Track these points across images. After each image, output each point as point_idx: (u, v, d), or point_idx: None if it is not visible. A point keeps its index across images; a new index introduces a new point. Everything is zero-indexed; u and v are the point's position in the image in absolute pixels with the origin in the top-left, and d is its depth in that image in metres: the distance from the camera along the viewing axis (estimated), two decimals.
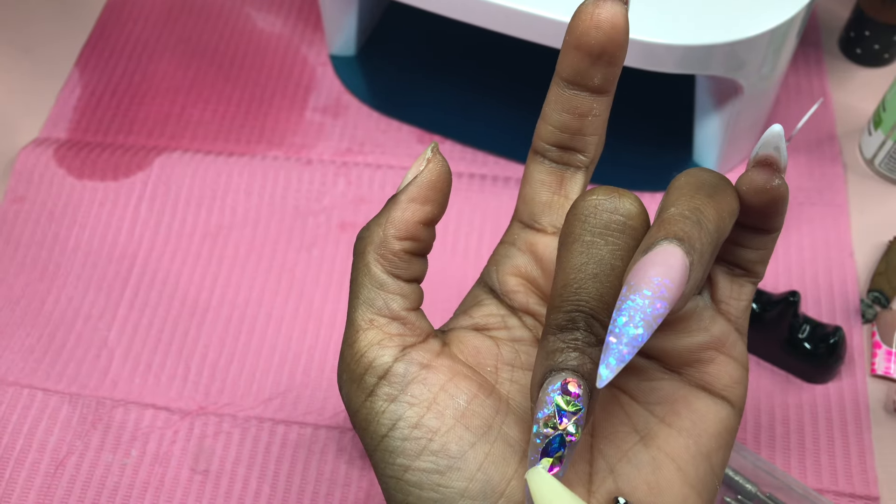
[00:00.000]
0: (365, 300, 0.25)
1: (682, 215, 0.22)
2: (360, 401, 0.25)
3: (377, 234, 0.25)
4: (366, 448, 0.25)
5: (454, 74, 0.58)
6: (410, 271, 0.26)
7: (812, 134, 0.55)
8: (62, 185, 0.54)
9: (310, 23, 0.62)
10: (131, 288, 0.50)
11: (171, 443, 0.45)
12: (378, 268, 0.25)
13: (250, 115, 0.58)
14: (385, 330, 0.25)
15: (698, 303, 0.27)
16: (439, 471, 0.24)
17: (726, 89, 0.48)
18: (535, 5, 0.44)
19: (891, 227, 0.51)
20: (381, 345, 0.25)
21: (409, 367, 0.24)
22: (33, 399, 0.46)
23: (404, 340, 0.25)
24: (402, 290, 0.25)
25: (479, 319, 0.27)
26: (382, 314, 0.25)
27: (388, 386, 0.24)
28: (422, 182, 0.25)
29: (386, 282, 0.25)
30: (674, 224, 0.21)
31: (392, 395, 0.24)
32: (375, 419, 0.24)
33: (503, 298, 0.28)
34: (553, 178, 0.27)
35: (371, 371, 0.24)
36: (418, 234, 0.25)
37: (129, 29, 0.62)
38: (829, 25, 0.60)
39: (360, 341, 0.25)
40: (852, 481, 0.43)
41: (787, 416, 0.45)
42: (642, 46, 0.43)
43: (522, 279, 0.27)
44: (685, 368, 0.27)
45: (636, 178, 0.53)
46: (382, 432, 0.24)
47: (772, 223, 0.26)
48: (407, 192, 0.26)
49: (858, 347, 0.47)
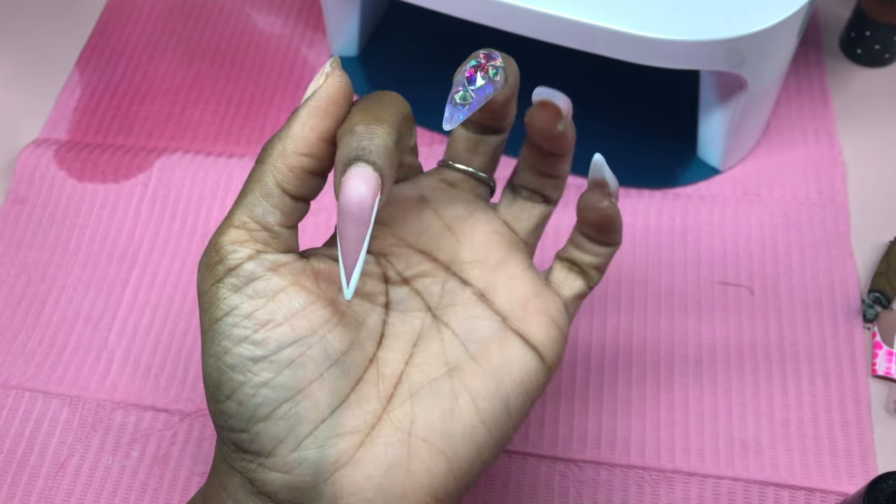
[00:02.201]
0: (247, 203, 0.27)
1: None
2: (207, 285, 0.27)
3: (277, 147, 0.27)
4: (201, 326, 0.27)
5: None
6: (301, 189, 0.28)
7: (812, 133, 0.55)
8: (63, 187, 0.54)
9: (310, 23, 0.62)
10: (131, 289, 0.50)
11: (171, 444, 0.45)
12: (271, 179, 0.27)
13: (251, 116, 0.58)
14: (252, 234, 0.27)
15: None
16: (253, 359, 0.26)
17: (730, 85, 0.48)
18: (538, 3, 0.44)
19: (891, 227, 0.51)
20: (242, 244, 0.27)
21: (257, 268, 0.27)
22: (34, 403, 0.46)
23: (265, 248, 0.27)
24: (284, 206, 0.27)
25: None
26: (256, 221, 0.27)
27: (235, 278, 0.27)
28: (320, 96, 0.27)
29: (272, 193, 0.27)
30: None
31: (236, 287, 0.26)
32: (216, 304, 0.27)
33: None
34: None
35: (223, 263, 0.27)
36: (317, 151, 0.27)
37: (129, 30, 0.62)
38: (830, 25, 0.60)
39: (225, 236, 0.27)
40: (854, 482, 0.43)
41: (788, 417, 0.45)
42: (646, 42, 0.43)
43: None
44: (511, 313, 0.30)
45: (639, 174, 0.53)
46: (218, 316, 0.26)
47: (607, 238, 0.32)
48: (307, 106, 0.27)
49: (859, 348, 0.47)
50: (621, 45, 0.44)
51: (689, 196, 0.52)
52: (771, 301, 0.48)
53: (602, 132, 0.54)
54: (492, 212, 0.33)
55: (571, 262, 0.33)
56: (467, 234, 0.32)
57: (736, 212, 0.51)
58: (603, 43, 0.44)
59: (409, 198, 0.32)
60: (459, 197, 0.32)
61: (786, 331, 0.47)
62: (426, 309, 0.31)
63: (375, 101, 0.27)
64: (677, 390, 0.46)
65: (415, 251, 0.31)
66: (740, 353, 0.47)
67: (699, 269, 0.50)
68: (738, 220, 0.51)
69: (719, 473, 0.43)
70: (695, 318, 0.48)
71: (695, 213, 0.51)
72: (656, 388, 0.46)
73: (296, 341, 0.27)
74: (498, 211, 0.33)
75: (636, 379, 0.46)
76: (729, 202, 0.52)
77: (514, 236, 0.33)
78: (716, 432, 0.45)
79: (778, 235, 0.51)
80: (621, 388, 0.46)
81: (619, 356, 0.47)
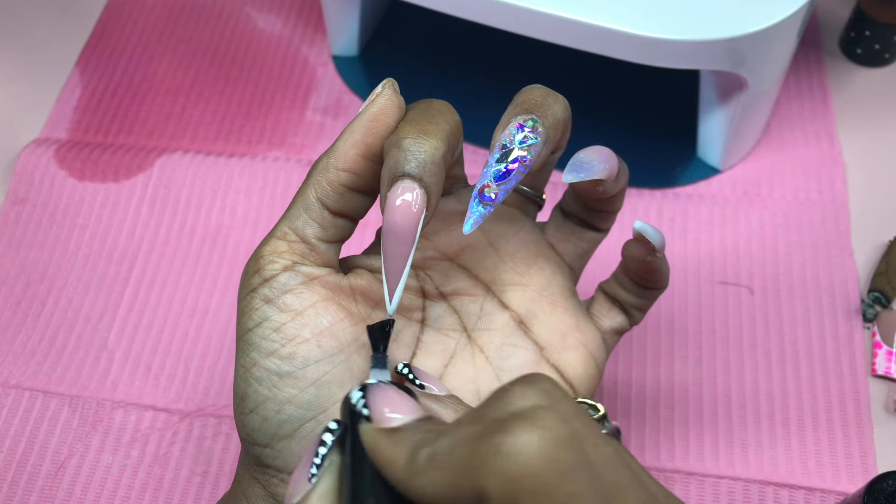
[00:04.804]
0: (290, 215, 0.28)
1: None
2: (244, 293, 0.27)
3: (321, 163, 0.27)
4: (236, 334, 0.27)
5: (457, 74, 0.58)
6: (339, 204, 0.27)
7: (812, 133, 0.55)
8: (63, 187, 0.54)
9: (310, 23, 0.62)
10: (131, 289, 0.50)
11: (171, 444, 0.45)
12: (312, 192, 0.27)
13: (251, 116, 0.58)
14: (291, 246, 0.27)
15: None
16: (279, 374, 0.26)
17: (730, 85, 0.48)
18: (539, 3, 0.44)
19: (891, 227, 0.51)
20: (280, 255, 0.27)
21: (290, 280, 0.27)
22: (34, 402, 0.46)
23: (302, 260, 0.27)
24: (322, 220, 0.27)
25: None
26: (296, 233, 0.27)
27: (268, 289, 0.27)
28: (365, 114, 0.27)
29: (312, 206, 0.27)
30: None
31: (268, 298, 0.27)
32: (248, 313, 0.27)
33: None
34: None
35: (259, 273, 0.27)
36: (356, 167, 0.27)
37: (129, 29, 0.62)
38: (829, 25, 0.60)
39: (267, 246, 0.27)
40: (854, 481, 0.43)
41: (788, 416, 0.45)
42: (646, 42, 0.43)
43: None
44: (549, 344, 0.30)
45: (639, 174, 0.53)
46: (249, 326, 0.27)
47: (653, 284, 0.31)
48: (352, 124, 0.27)
49: (859, 347, 0.47)
50: (621, 45, 0.44)
51: (689, 196, 0.52)
52: (771, 301, 0.48)
53: (602, 132, 0.54)
54: (538, 233, 0.32)
55: (614, 299, 0.32)
56: (510, 253, 0.31)
57: (736, 212, 0.51)
58: (603, 43, 0.44)
59: (452, 211, 0.31)
60: (505, 213, 0.31)
61: (786, 330, 0.47)
62: (462, 329, 0.30)
63: (424, 111, 0.27)
64: (677, 390, 0.46)
65: (455, 266, 0.31)
66: (740, 353, 0.47)
67: (699, 268, 0.50)
68: (738, 220, 0.51)
69: (719, 473, 0.43)
70: (695, 317, 0.48)
71: (695, 213, 0.51)
72: (656, 387, 0.46)
73: (322, 359, 0.26)
74: (545, 232, 0.32)
75: (636, 379, 0.46)
76: (729, 202, 0.52)
77: (560, 261, 0.32)
78: (716, 432, 0.45)
79: (778, 235, 0.51)
80: (621, 387, 0.46)
81: (619, 356, 0.47)
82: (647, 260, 0.29)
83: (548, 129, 0.27)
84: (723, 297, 0.49)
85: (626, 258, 0.30)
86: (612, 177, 0.28)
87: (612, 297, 0.32)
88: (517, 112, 0.27)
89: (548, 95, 0.28)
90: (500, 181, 0.26)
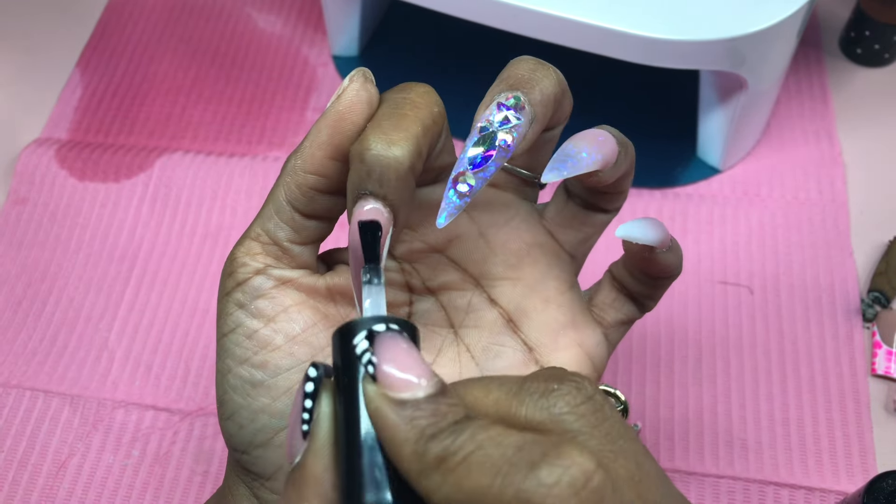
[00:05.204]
0: (263, 215, 0.26)
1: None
2: (220, 295, 0.26)
3: (290, 162, 0.26)
4: (216, 336, 0.27)
5: (457, 74, 0.58)
6: (310, 206, 0.26)
7: (812, 133, 0.55)
8: (63, 187, 0.54)
9: (310, 23, 0.62)
10: (132, 289, 0.50)
11: (172, 443, 0.45)
12: (282, 194, 0.26)
13: (251, 116, 0.58)
14: (265, 248, 0.26)
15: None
16: (252, 383, 0.25)
17: (730, 85, 0.48)
18: (539, 3, 0.44)
19: (891, 227, 0.51)
20: (254, 257, 0.26)
21: (263, 283, 0.26)
22: (35, 402, 0.46)
23: (277, 263, 0.26)
24: (294, 223, 0.26)
25: None
26: (268, 234, 0.26)
27: (241, 293, 0.26)
28: (329, 114, 0.25)
29: (282, 209, 0.26)
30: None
31: (241, 303, 0.26)
32: (223, 317, 0.26)
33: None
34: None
35: (234, 276, 0.26)
36: (325, 170, 0.25)
37: (129, 29, 0.62)
38: (829, 25, 0.60)
39: (240, 247, 0.26)
40: (853, 481, 0.43)
41: (788, 416, 0.45)
42: (646, 42, 0.43)
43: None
44: (539, 345, 0.28)
45: (639, 174, 0.52)
46: (224, 331, 0.26)
47: (662, 275, 0.29)
48: (317, 123, 0.26)
49: (859, 347, 0.47)
50: (621, 45, 0.44)
51: (689, 196, 0.52)
52: (771, 301, 0.48)
53: None
54: (535, 218, 0.29)
55: (622, 286, 0.29)
56: (502, 244, 0.28)
57: (736, 212, 0.51)
58: (603, 43, 0.44)
59: (439, 201, 0.28)
60: (498, 199, 0.29)
61: (785, 330, 0.47)
62: (449, 325, 0.29)
63: (395, 108, 0.24)
64: (677, 390, 0.46)
65: (443, 258, 0.28)
66: (740, 353, 0.47)
67: (699, 268, 0.50)
68: (738, 219, 0.51)
69: (719, 473, 0.43)
70: (695, 317, 0.48)
71: (695, 213, 0.51)
72: (656, 387, 0.46)
73: (293, 367, 0.26)
74: (544, 217, 0.29)
75: (636, 379, 0.46)
76: (729, 202, 0.52)
77: (559, 249, 0.29)
78: (716, 432, 0.45)
79: (778, 235, 0.51)
80: (621, 387, 0.46)
81: (619, 356, 0.47)
82: (647, 257, 0.27)
83: (535, 106, 0.25)
84: (723, 297, 0.49)
85: (625, 255, 0.29)
86: (607, 165, 0.26)
87: (620, 283, 0.29)
88: (501, 89, 0.25)
89: (537, 69, 0.26)
90: (476, 169, 0.24)
